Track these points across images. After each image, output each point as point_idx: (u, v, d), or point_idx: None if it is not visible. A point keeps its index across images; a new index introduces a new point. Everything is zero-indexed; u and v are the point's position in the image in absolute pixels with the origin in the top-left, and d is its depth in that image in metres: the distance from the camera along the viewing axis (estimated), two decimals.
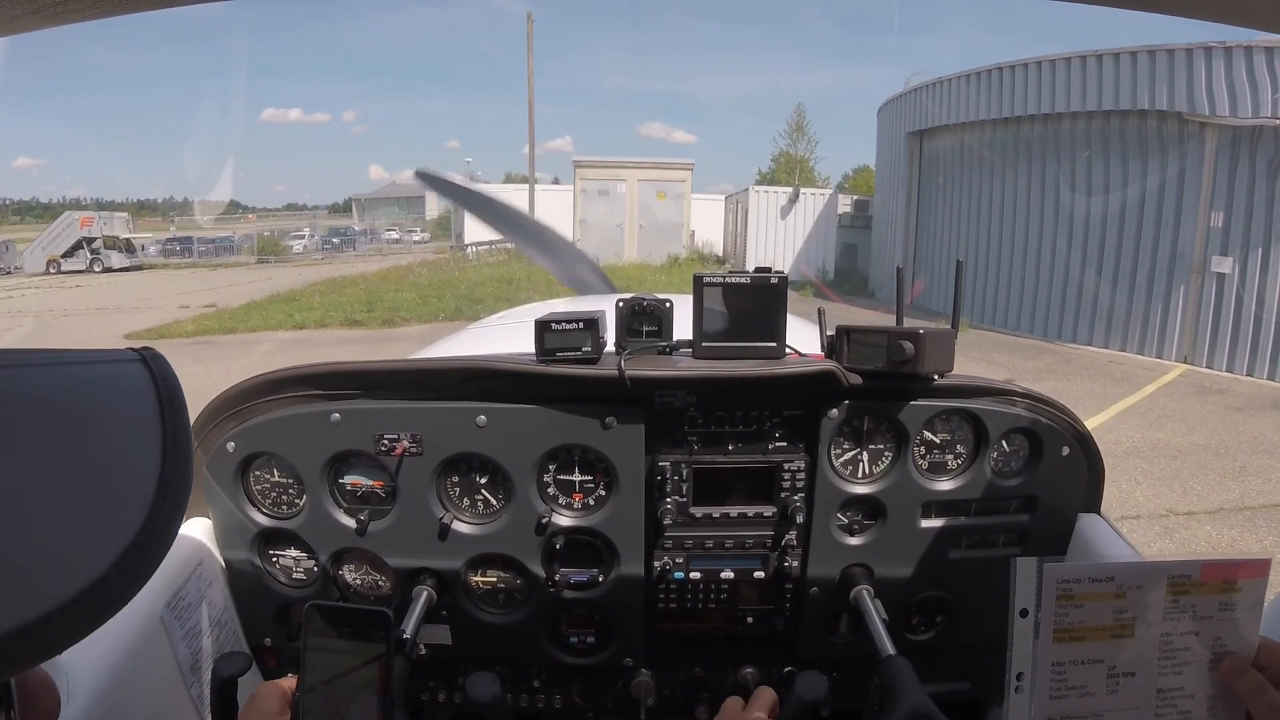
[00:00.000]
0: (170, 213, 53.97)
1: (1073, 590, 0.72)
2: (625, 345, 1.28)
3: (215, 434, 1.26)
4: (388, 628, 0.87)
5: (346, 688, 0.86)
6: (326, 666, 0.87)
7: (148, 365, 0.50)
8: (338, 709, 0.86)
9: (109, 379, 0.48)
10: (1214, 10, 0.72)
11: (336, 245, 36.03)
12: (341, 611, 0.88)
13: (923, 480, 1.30)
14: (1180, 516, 5.08)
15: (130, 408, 0.48)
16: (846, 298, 17.17)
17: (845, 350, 1.26)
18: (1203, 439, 6.90)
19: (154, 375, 0.49)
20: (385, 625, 0.87)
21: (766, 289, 1.25)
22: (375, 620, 0.87)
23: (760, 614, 1.36)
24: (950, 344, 1.21)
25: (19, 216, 65.07)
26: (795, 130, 43.75)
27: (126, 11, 0.67)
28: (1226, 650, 0.74)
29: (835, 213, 21.85)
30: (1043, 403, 1.30)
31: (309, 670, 0.87)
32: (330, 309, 14.80)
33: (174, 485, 0.48)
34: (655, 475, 1.29)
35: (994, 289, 13.75)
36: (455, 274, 21.13)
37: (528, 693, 1.41)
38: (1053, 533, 1.34)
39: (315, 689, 0.87)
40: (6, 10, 0.61)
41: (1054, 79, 11.83)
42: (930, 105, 14.82)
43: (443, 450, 1.25)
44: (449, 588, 1.31)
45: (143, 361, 0.50)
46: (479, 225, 31.57)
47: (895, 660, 1.07)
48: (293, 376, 1.25)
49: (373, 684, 0.86)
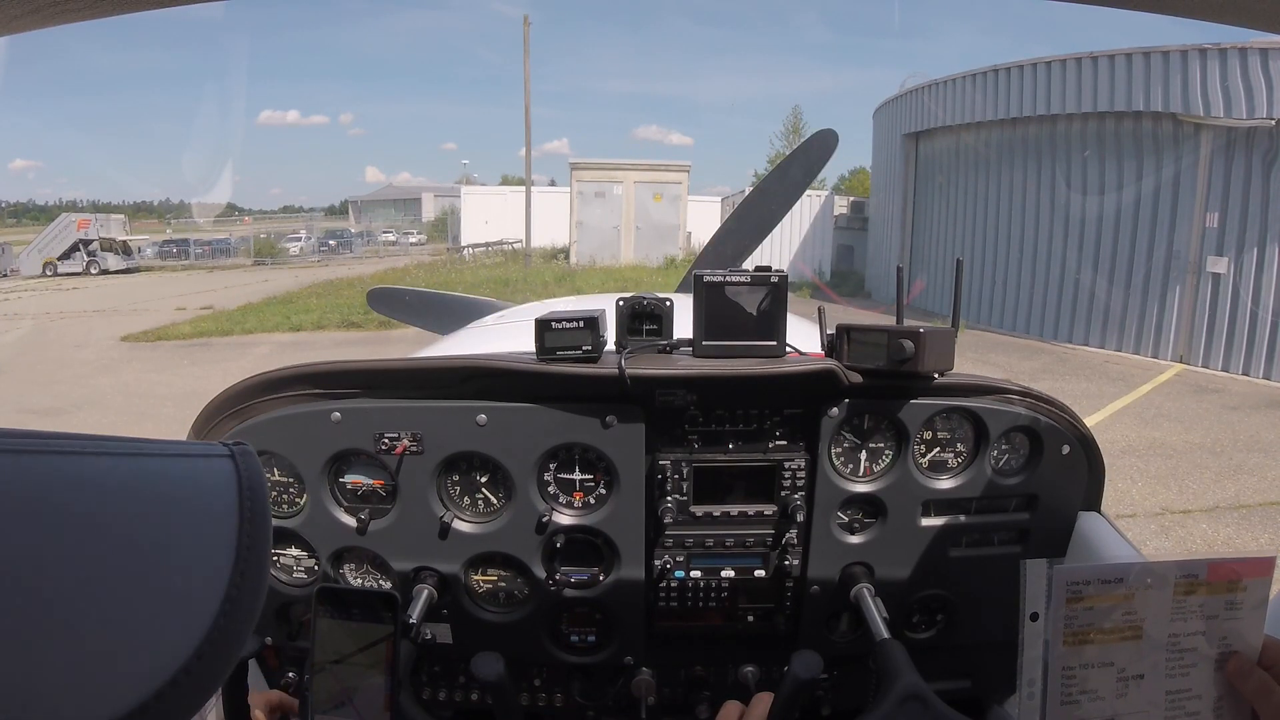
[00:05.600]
0: (167, 215, 53.91)
1: (1082, 592, 0.71)
2: (625, 344, 1.28)
3: (216, 433, 1.26)
4: (395, 609, 0.89)
5: (355, 667, 0.89)
6: (335, 647, 0.90)
7: (235, 463, 0.46)
8: (346, 687, 0.89)
9: (192, 474, 0.43)
10: (1213, 10, 0.72)
11: (333, 247, 36.00)
12: (350, 593, 0.91)
13: (923, 479, 1.30)
14: (1176, 515, 5.09)
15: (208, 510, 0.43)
16: (844, 299, 17.19)
17: (845, 349, 1.26)
18: (1199, 438, 6.93)
19: (240, 474, 0.45)
20: (393, 606, 0.89)
21: (766, 288, 1.25)
22: (383, 601, 0.90)
23: (761, 612, 1.36)
24: (950, 343, 1.21)
25: (15, 219, 64.81)
26: (792, 132, 43.97)
27: (125, 11, 0.67)
28: (1232, 650, 0.73)
29: (831, 214, 21.90)
30: (1043, 401, 1.30)
31: (318, 650, 0.90)
32: (327, 311, 14.78)
33: (241, 602, 0.42)
34: (656, 474, 1.29)
35: (990, 289, 13.78)
36: (452, 275, 21.12)
37: (529, 691, 1.41)
38: (1053, 531, 1.34)
39: (325, 668, 0.89)
40: (5, 10, 0.61)
41: (1050, 80, 11.88)
42: (927, 106, 14.86)
43: (443, 449, 1.25)
44: (450, 586, 1.31)
45: (231, 458, 0.46)
46: (477, 226, 31.54)
47: (889, 643, 1.07)
48: (293, 375, 1.25)
49: (381, 664, 0.89)
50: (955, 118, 14.17)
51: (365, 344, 11.95)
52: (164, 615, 0.39)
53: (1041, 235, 12.72)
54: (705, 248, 2.66)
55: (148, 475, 0.41)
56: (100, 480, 0.39)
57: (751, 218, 2.56)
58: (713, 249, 2.58)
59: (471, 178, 54.05)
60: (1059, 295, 12.42)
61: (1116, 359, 11.04)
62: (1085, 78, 11.30)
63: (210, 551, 0.42)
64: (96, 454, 0.39)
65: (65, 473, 0.38)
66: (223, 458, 0.45)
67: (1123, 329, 11.42)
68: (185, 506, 0.42)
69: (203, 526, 0.42)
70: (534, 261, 22.78)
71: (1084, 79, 11.32)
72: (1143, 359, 10.93)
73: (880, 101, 18.13)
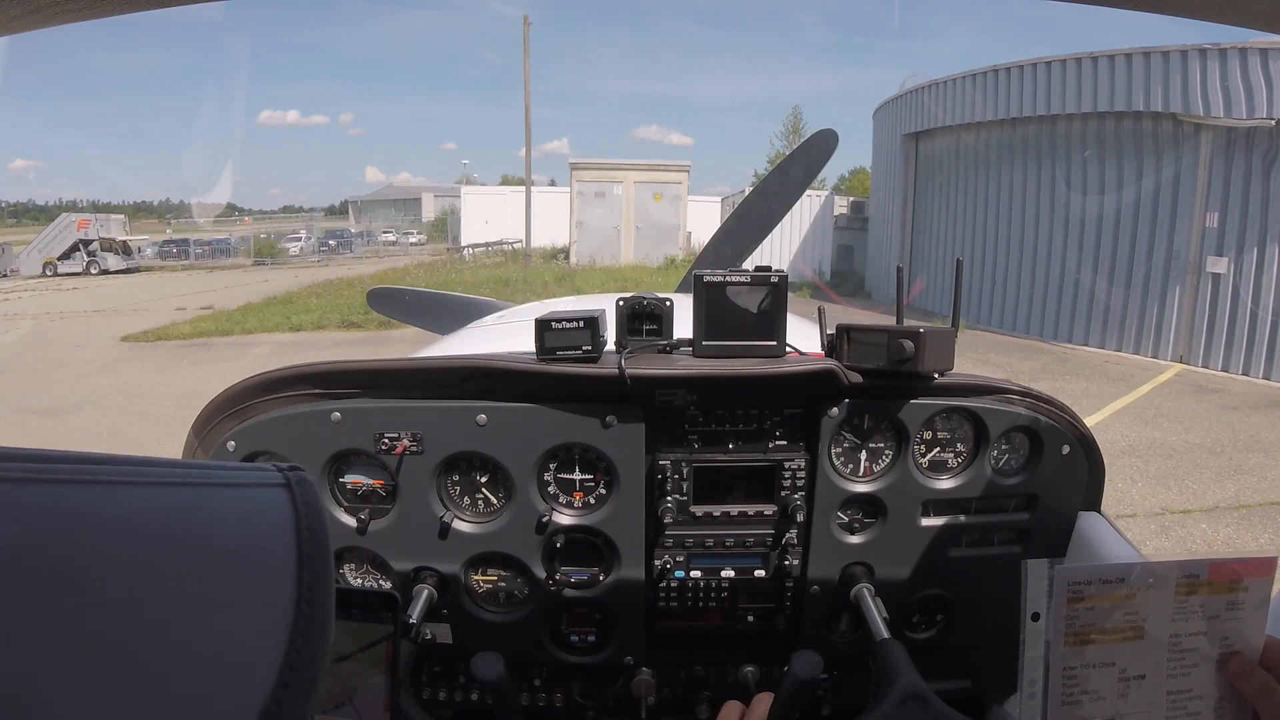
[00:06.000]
0: (167, 215, 53.86)
1: (1084, 592, 0.71)
2: (625, 344, 1.28)
3: (216, 433, 1.26)
4: (395, 609, 0.89)
5: (355, 667, 0.89)
6: (335, 646, 0.90)
7: (291, 493, 0.40)
8: (346, 687, 0.89)
9: (243, 508, 0.38)
10: (1213, 10, 0.72)
11: (333, 247, 35.99)
12: (350, 593, 0.91)
13: (923, 479, 1.30)
14: (1176, 515, 5.09)
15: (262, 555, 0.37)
16: (844, 299, 17.20)
17: (845, 349, 1.26)
18: (1198, 438, 6.93)
19: (296, 507, 0.40)
20: (393, 606, 0.89)
21: (767, 288, 1.25)
22: (383, 601, 0.90)
23: (761, 612, 1.36)
24: (950, 343, 1.21)
25: (15, 219, 64.80)
26: (792, 132, 43.94)
27: (125, 11, 0.67)
28: (1233, 650, 0.73)
29: (831, 214, 21.90)
30: (1043, 401, 1.30)
31: None
32: (327, 311, 14.78)
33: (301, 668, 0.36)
34: (656, 474, 1.29)
35: (990, 289, 13.79)
36: (452, 275, 21.13)
37: (529, 691, 1.41)
38: (1053, 531, 1.34)
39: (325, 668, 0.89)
40: (5, 10, 0.61)
41: (1050, 80, 11.88)
42: (927, 106, 14.86)
43: (443, 449, 1.25)
44: (449, 587, 1.31)
45: (286, 487, 0.40)
46: (477, 226, 31.53)
47: (889, 643, 1.07)
48: (293, 375, 1.25)
49: (381, 664, 0.89)
50: (955, 118, 14.17)
51: (365, 344, 11.95)
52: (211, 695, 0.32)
53: (1041, 235, 12.72)
54: (705, 248, 2.66)
55: (192, 512, 0.35)
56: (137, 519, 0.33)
57: (751, 218, 2.56)
58: (713, 249, 2.58)
59: (471, 178, 54.09)
60: (1059, 295, 12.42)
61: (1116, 359, 11.04)
62: (1085, 78, 11.30)
63: (265, 608, 0.36)
64: (134, 483, 0.34)
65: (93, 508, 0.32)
66: (277, 487, 0.40)
67: (1123, 329, 11.42)
68: (235, 553, 0.36)
69: (256, 578, 0.36)
70: (534, 261, 22.78)
71: (1084, 79, 11.32)
72: (1143, 359, 10.93)
73: (880, 101, 18.15)
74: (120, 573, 0.31)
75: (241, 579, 0.35)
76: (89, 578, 0.30)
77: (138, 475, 0.34)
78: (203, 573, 0.34)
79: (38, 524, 0.30)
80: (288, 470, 0.41)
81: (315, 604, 0.37)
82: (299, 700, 0.35)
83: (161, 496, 0.35)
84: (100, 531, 0.31)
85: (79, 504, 0.32)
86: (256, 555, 0.37)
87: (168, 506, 0.34)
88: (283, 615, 0.36)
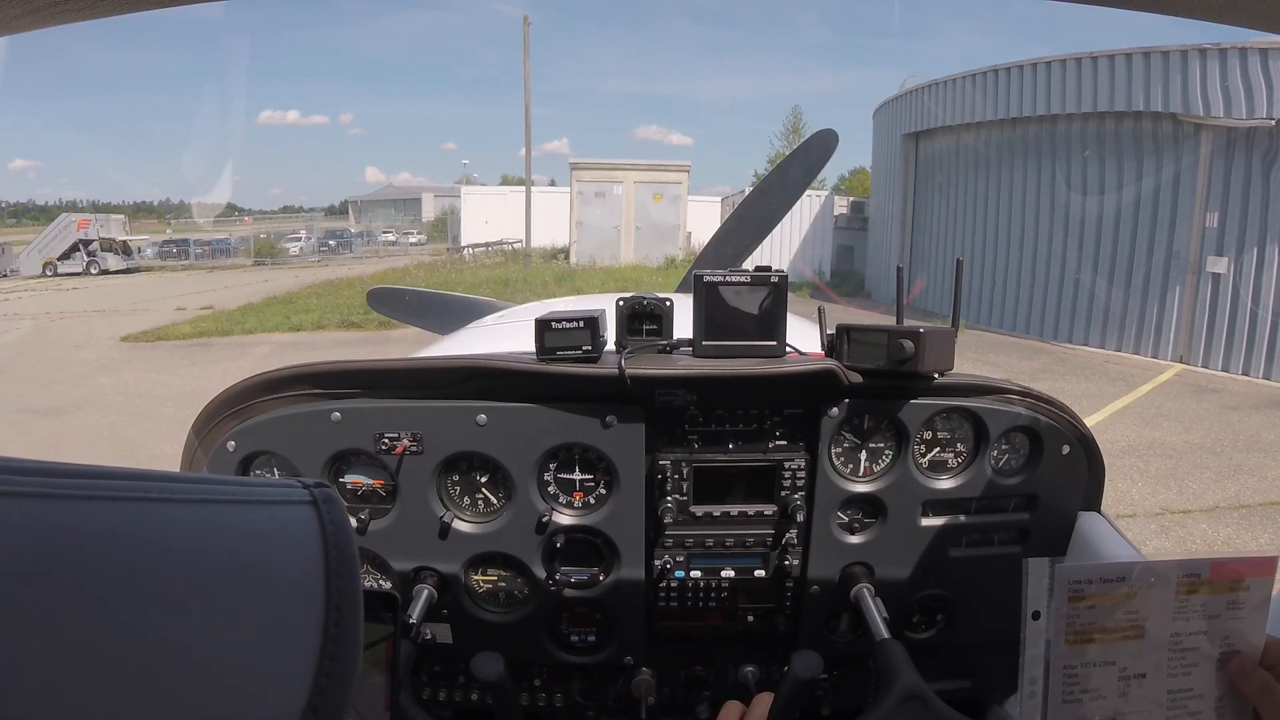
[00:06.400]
0: (167, 215, 53.89)
1: (1084, 591, 0.71)
2: (625, 344, 1.28)
3: (215, 433, 1.26)
4: (395, 608, 0.88)
5: None
6: None
7: (318, 510, 0.38)
8: None
9: (269, 527, 0.36)
10: (1213, 10, 0.72)
11: (333, 247, 36.00)
12: None
13: (923, 479, 1.30)
14: (1176, 515, 5.09)
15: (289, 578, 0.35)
16: (844, 299, 17.20)
17: (845, 349, 1.26)
18: (1198, 438, 6.93)
19: (324, 526, 0.38)
20: (393, 605, 0.88)
21: (767, 288, 1.25)
22: (383, 601, 0.89)
23: (761, 612, 1.36)
24: (950, 343, 1.21)
25: (15, 219, 64.82)
26: (792, 132, 43.95)
27: (125, 11, 0.67)
28: (1234, 649, 0.74)
29: (831, 214, 21.90)
30: (1043, 401, 1.30)
31: None
32: (327, 311, 14.78)
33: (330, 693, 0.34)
34: (656, 474, 1.29)
35: (990, 289, 13.79)
36: (452, 276, 21.12)
37: (529, 691, 1.41)
38: (1053, 531, 1.34)
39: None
40: (5, 10, 0.61)
41: (1050, 80, 11.88)
42: (927, 106, 14.86)
43: (443, 449, 1.25)
44: (449, 586, 1.31)
45: (313, 504, 0.39)
46: (477, 226, 31.53)
47: (888, 643, 1.07)
48: (293, 375, 1.25)
49: (381, 663, 0.88)
50: (955, 118, 14.17)
51: (365, 344, 11.95)
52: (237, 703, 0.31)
53: (1041, 235, 12.72)
54: (705, 248, 2.66)
55: (216, 530, 0.34)
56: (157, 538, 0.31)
57: (751, 218, 2.56)
58: (713, 249, 2.58)
59: (471, 178, 54.09)
60: (1059, 295, 12.42)
61: (1116, 359, 11.04)
62: (1085, 78, 11.30)
63: (291, 631, 0.34)
64: (154, 499, 0.32)
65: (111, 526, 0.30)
66: (303, 504, 0.38)
67: (1122, 329, 11.42)
68: (260, 573, 0.34)
69: (282, 600, 0.35)
70: (534, 261, 22.78)
71: (1084, 79, 11.32)
72: (1143, 359, 10.93)
73: (880, 101, 18.14)
74: (138, 595, 0.30)
75: (267, 601, 0.34)
76: (105, 600, 0.29)
77: (159, 491, 0.33)
78: (226, 595, 0.33)
79: (52, 543, 0.28)
80: (314, 487, 0.40)
81: (344, 625, 0.36)
82: None
83: (183, 514, 0.33)
84: (118, 551, 0.30)
85: (95, 522, 0.30)
86: (282, 575, 0.35)
87: (190, 525, 0.33)
88: (310, 638, 0.35)
